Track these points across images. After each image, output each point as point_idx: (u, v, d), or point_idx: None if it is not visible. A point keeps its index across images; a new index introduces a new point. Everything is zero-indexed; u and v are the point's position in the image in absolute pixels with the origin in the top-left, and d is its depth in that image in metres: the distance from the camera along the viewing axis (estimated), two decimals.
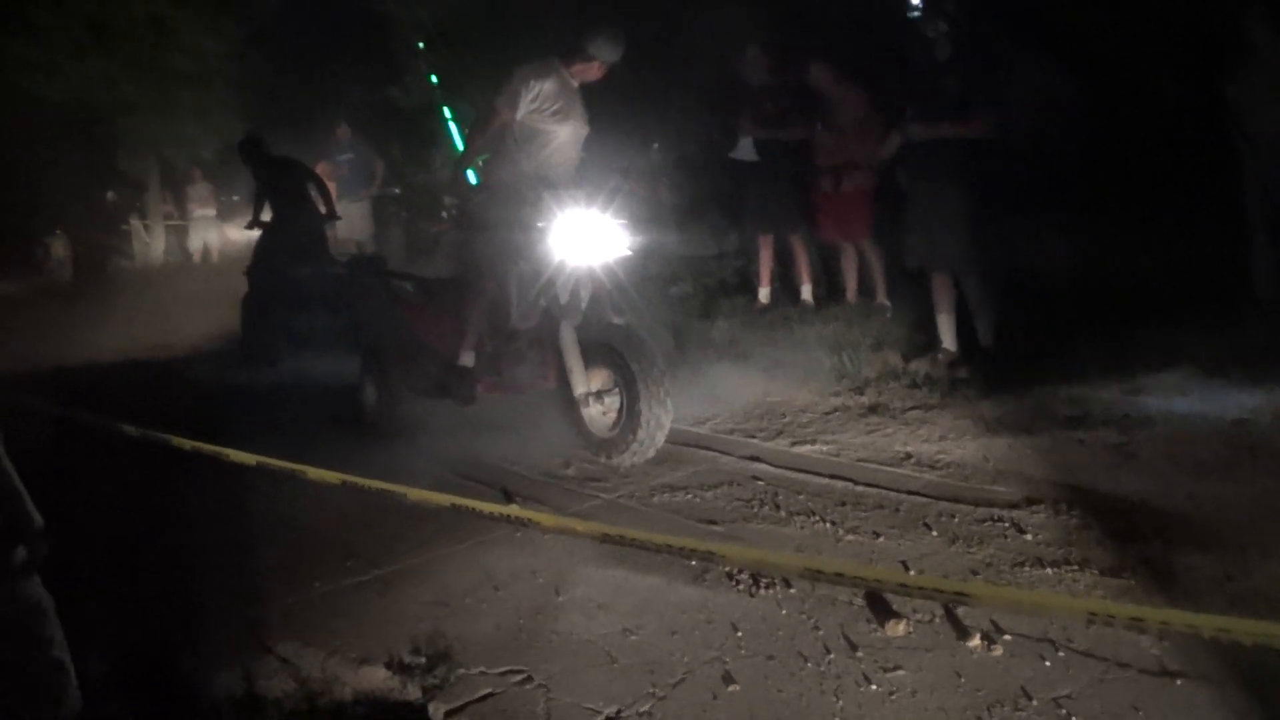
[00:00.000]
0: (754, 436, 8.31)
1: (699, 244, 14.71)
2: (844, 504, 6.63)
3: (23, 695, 3.40)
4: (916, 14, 9.66)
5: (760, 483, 7.19)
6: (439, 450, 8.30)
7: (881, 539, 6.03)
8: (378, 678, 4.88)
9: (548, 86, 8.14)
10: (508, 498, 7.26)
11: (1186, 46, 12.08)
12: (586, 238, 7.88)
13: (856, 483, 7.00)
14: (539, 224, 7.98)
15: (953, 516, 6.26)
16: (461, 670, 4.84)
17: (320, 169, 15.71)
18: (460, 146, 12.74)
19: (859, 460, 7.51)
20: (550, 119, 8.19)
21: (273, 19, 25.28)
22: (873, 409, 8.72)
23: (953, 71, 9.31)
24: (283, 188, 13.80)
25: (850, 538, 6.10)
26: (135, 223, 29.77)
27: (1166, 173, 11.54)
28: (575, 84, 8.38)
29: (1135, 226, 10.99)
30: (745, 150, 12.33)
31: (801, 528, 6.31)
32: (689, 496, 7.04)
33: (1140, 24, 12.49)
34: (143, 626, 5.51)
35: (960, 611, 4.85)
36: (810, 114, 11.74)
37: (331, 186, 15.30)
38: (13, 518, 3.32)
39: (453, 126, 18.70)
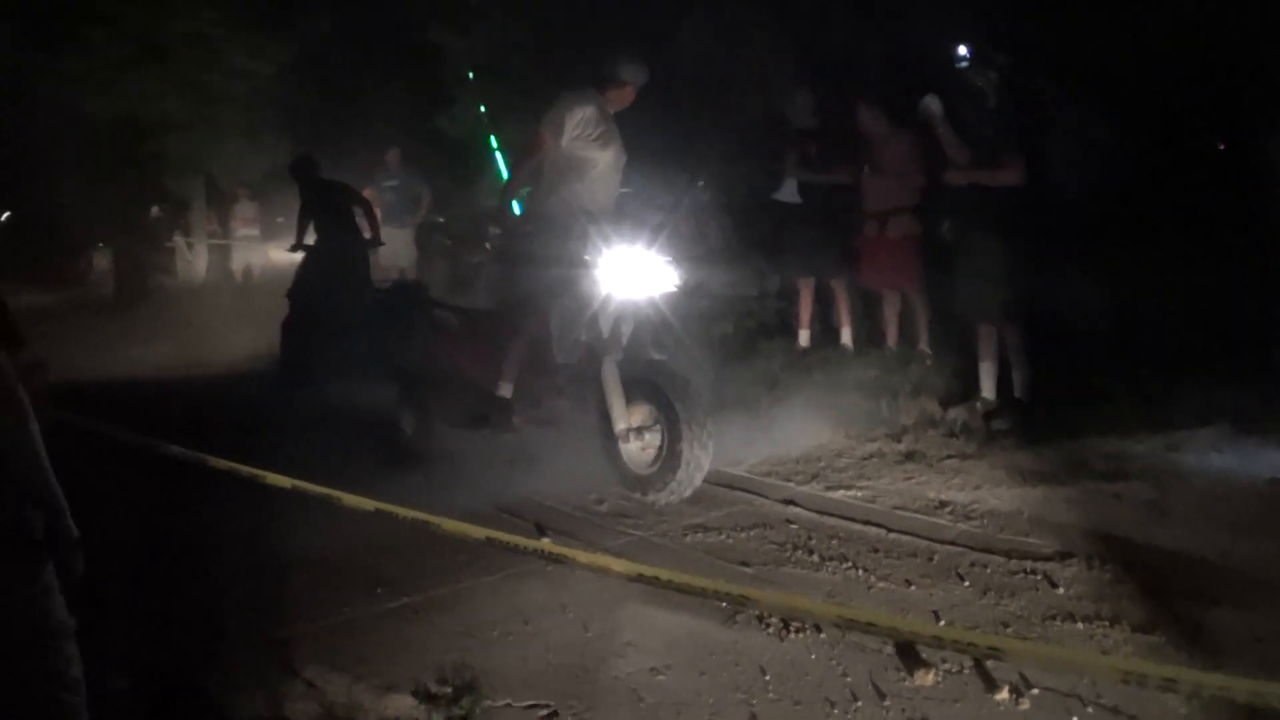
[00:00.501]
0: (790, 480, 8.32)
1: (741, 284, 14.67)
2: (877, 551, 6.64)
3: (37, 712, 3.44)
4: (964, 63, 9.67)
5: (794, 526, 7.20)
6: (473, 481, 8.30)
7: (913, 587, 6.04)
8: (403, 706, 4.90)
9: (589, 112, 8.19)
10: (540, 531, 7.28)
11: (1230, 100, 12.08)
12: (632, 273, 7.90)
13: (890, 530, 7.01)
14: (584, 258, 8.01)
15: (985, 567, 6.27)
16: (487, 702, 4.86)
17: (366, 194, 15.72)
18: (506, 177, 12.81)
19: (894, 507, 7.52)
20: (593, 145, 8.22)
21: (322, 44, 25.40)
22: (909, 456, 8.72)
23: (992, 120, 9.36)
24: (329, 211, 13.84)
25: (882, 585, 6.11)
26: (179, 240, 29.90)
27: (1207, 224, 11.52)
28: (611, 111, 8.43)
29: (1175, 278, 10.97)
30: (788, 192, 12.33)
31: (834, 573, 6.32)
32: (722, 537, 7.06)
33: (1185, 76, 12.50)
34: (170, 644, 5.55)
35: (989, 663, 4.85)
36: (855, 158, 11.75)
37: (376, 212, 15.32)
38: (54, 533, 3.37)
39: (499, 157, 18.74)
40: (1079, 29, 12.71)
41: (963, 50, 9.72)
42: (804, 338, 12.60)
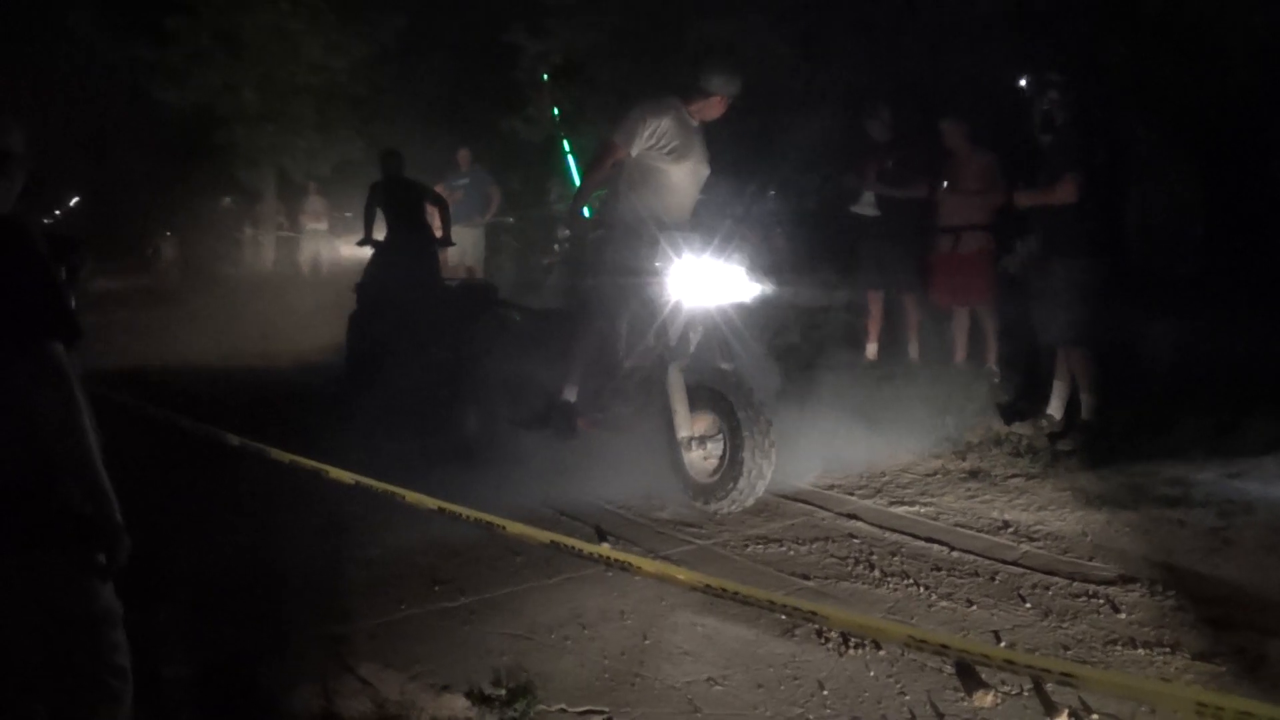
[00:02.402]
0: (852, 493, 8.31)
1: (808, 295, 14.67)
2: (939, 569, 6.63)
3: (84, 696, 3.50)
4: (1027, 93, 9.68)
5: (856, 541, 7.19)
6: (534, 483, 8.30)
7: (975, 607, 6.02)
8: (457, 706, 4.93)
9: (665, 124, 8.12)
10: (601, 537, 7.30)
11: None
12: (702, 281, 7.88)
13: (953, 548, 6.99)
14: (654, 265, 8.00)
15: (1047, 589, 6.24)
16: (542, 707, 4.88)
17: (438, 191, 15.77)
18: (577, 181, 12.78)
19: (956, 525, 7.50)
20: (666, 158, 8.17)
21: (399, 41, 25.56)
22: (973, 474, 8.70)
23: (1054, 141, 9.39)
24: (401, 207, 13.87)
25: (943, 604, 6.09)
26: (247, 231, 30.07)
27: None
28: (695, 122, 8.37)
29: (1248, 311, 10.91)
30: (866, 204, 12.35)
31: (895, 589, 6.31)
32: (783, 549, 7.06)
33: (1262, 104, 12.45)
34: (227, 636, 5.58)
35: (1049, 687, 4.83)
36: (933, 174, 11.76)
37: (449, 211, 15.33)
38: (99, 521, 3.42)
39: (571, 160, 18.78)
40: (1153, 55, 12.70)
41: (1024, 81, 9.70)
42: (871, 351, 12.61)
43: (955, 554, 6.89)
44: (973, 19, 14.41)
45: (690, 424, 8.00)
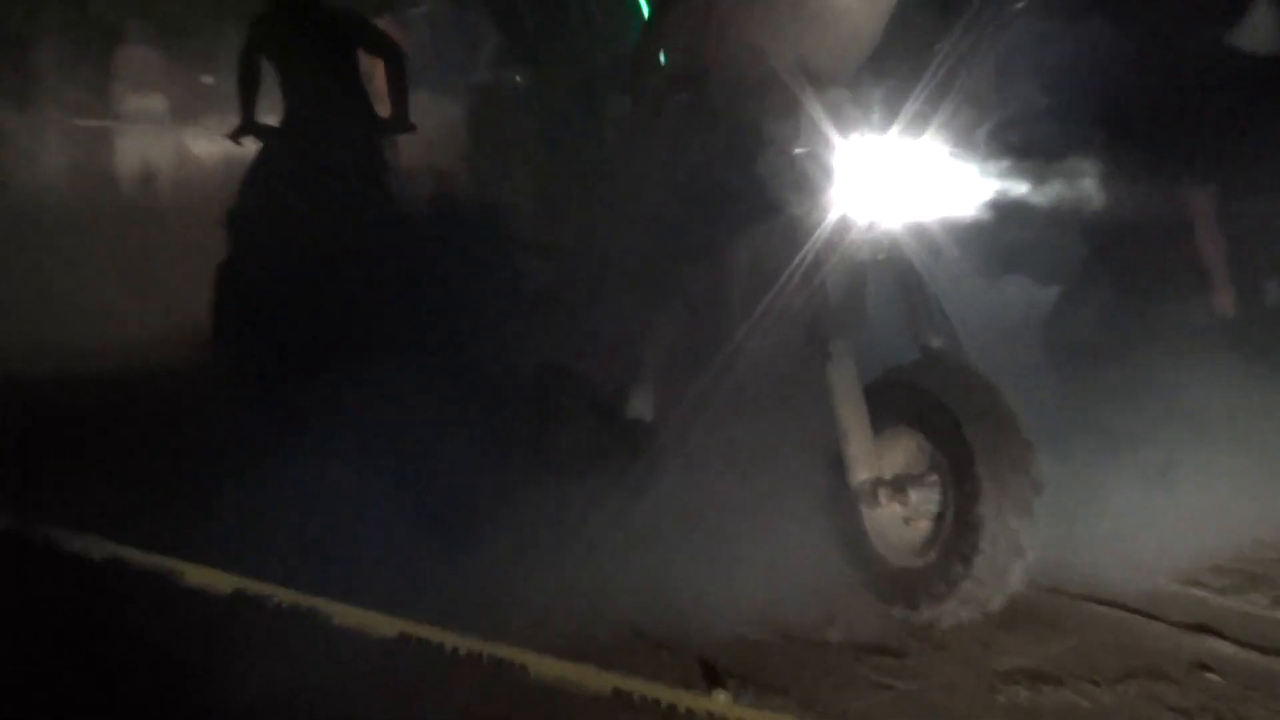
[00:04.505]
0: (1200, 586, 8.10)
1: (1073, 195, 14.38)
2: None
3: None
4: None
5: (1213, 677, 6.96)
6: (589, 578, 7.97)
7: None
8: None
9: None
10: (711, 676, 7.06)
11: None
12: (890, 184, 7.63)
13: None
14: (792, 155, 7.78)
15: None
16: None
17: (383, 27, 15.60)
18: (645, 10, 12.66)
19: None
20: None
21: None
22: None
23: None
24: (311, 61, 13.65)
25: None
26: (9, 121, 30.12)
27: None
28: None
29: None
30: None
31: None
32: (1068, 694, 6.82)
33: None
34: None
35: None
36: None
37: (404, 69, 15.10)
38: None
39: None
40: None
41: None
42: (1225, 301, 12.30)
43: None
44: None
45: (874, 455, 7.72)
